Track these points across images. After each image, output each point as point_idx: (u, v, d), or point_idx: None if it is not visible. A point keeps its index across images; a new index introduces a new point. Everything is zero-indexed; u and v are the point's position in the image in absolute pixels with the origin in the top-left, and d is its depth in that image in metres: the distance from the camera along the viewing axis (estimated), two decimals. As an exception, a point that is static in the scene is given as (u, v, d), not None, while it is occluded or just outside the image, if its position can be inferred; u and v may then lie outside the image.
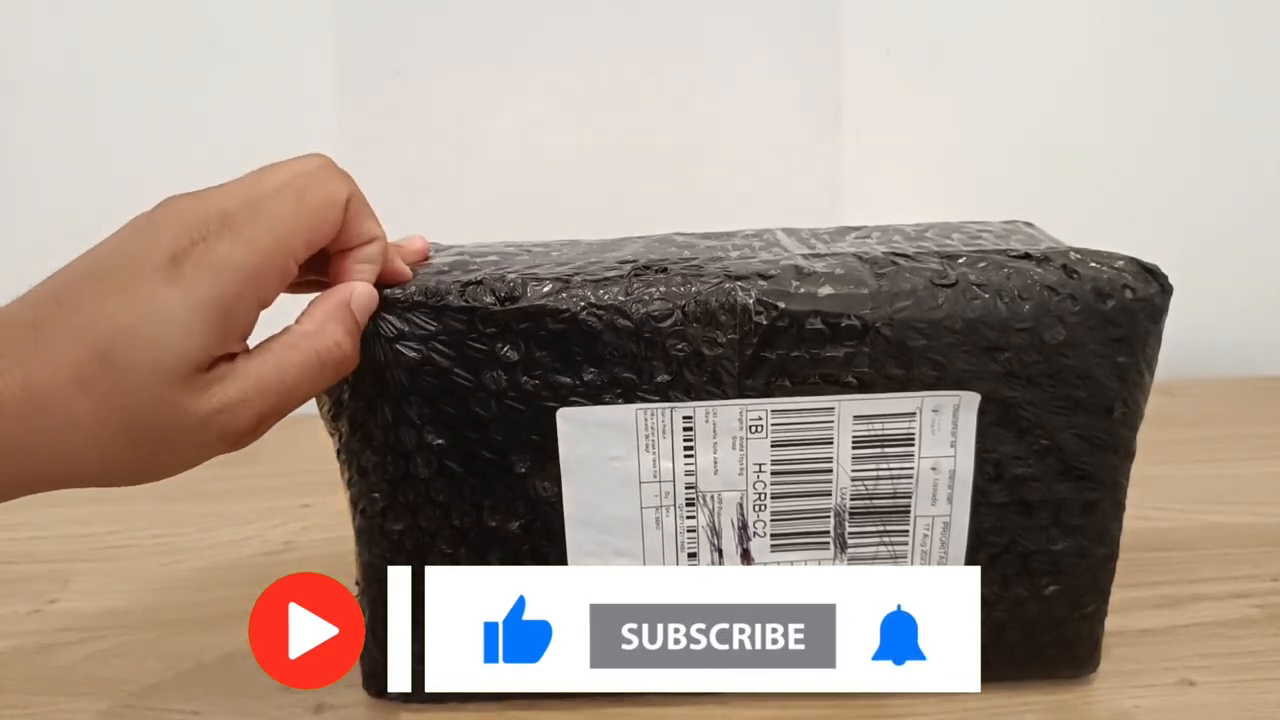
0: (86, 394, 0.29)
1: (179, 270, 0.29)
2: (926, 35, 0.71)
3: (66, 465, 0.30)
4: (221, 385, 0.31)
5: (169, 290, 0.29)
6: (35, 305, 0.30)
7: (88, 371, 0.29)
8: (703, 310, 0.36)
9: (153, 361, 0.29)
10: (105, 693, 0.43)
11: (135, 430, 0.29)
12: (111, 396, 0.29)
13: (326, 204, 0.33)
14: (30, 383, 0.28)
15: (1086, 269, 0.37)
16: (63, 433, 0.29)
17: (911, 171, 0.73)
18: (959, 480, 0.38)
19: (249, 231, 0.31)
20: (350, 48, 0.69)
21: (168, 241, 0.30)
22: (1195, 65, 0.72)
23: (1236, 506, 0.56)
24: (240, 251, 0.30)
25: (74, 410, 0.29)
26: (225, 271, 0.30)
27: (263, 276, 0.31)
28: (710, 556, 0.39)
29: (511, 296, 0.36)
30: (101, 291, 0.29)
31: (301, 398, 0.33)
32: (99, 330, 0.29)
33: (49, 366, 0.28)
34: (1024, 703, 0.41)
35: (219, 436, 0.31)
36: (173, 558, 0.54)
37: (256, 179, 0.33)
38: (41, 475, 0.30)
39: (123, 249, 0.30)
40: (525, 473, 0.38)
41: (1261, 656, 0.44)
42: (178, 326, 0.29)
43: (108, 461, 0.30)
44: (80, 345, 0.29)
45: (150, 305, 0.29)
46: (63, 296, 0.30)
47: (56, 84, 0.69)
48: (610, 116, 0.71)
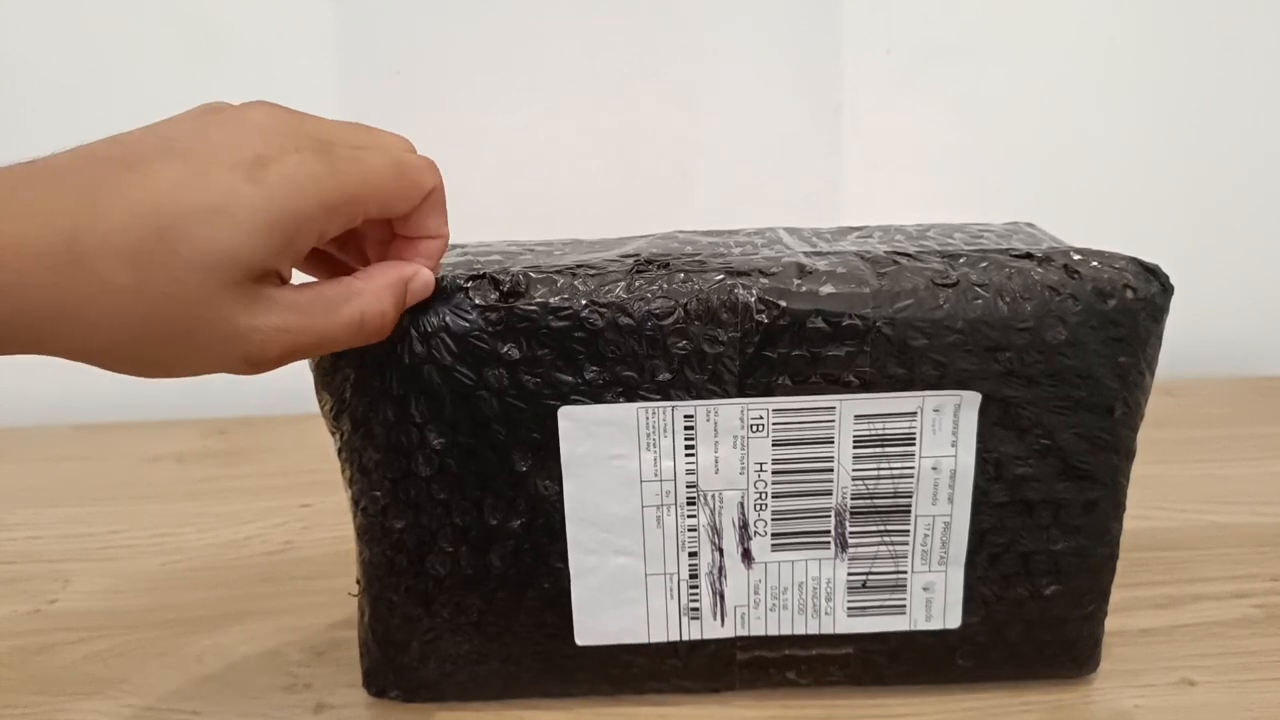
0: (131, 266, 0.28)
1: (263, 173, 0.29)
2: (926, 35, 0.71)
3: (85, 332, 0.29)
4: (265, 305, 0.30)
5: (246, 188, 0.29)
6: (102, 163, 0.29)
7: (139, 245, 0.28)
8: (704, 308, 0.36)
9: (207, 254, 0.28)
10: (105, 693, 0.43)
11: (166, 319, 0.29)
12: (155, 277, 0.28)
13: (414, 183, 0.33)
14: (77, 238, 0.27)
15: (1088, 269, 0.37)
16: (94, 297, 0.28)
17: (911, 171, 0.73)
18: (960, 480, 0.38)
19: (343, 165, 0.31)
20: (350, 48, 0.69)
21: (258, 142, 0.30)
22: (1196, 65, 0.72)
23: (1236, 506, 0.56)
24: (329, 181, 0.30)
25: (113, 279, 0.28)
26: (308, 191, 0.30)
27: (336, 213, 0.31)
28: (711, 556, 0.39)
29: (514, 293, 0.36)
30: (175, 169, 0.29)
31: (330, 348, 0.33)
32: (161, 207, 0.28)
33: (100, 228, 0.28)
34: (1024, 703, 0.41)
35: (244, 356, 0.31)
36: (173, 558, 0.54)
37: (358, 128, 0.33)
38: (59, 334, 0.29)
39: (206, 134, 0.30)
40: (526, 471, 0.38)
41: (1261, 656, 0.44)
42: (243, 228, 0.29)
43: (128, 344, 0.29)
44: (138, 217, 0.28)
45: (223, 197, 0.29)
46: (133, 161, 0.29)
47: (56, 84, 0.69)
48: (611, 116, 0.71)
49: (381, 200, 0.33)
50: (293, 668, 0.45)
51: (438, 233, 0.35)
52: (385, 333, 0.34)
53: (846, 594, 0.40)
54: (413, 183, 0.34)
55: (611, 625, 0.40)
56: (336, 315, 0.32)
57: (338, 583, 0.50)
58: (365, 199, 0.32)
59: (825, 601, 0.40)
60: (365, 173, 0.32)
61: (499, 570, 0.39)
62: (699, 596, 0.40)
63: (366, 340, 0.34)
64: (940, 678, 0.41)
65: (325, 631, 0.47)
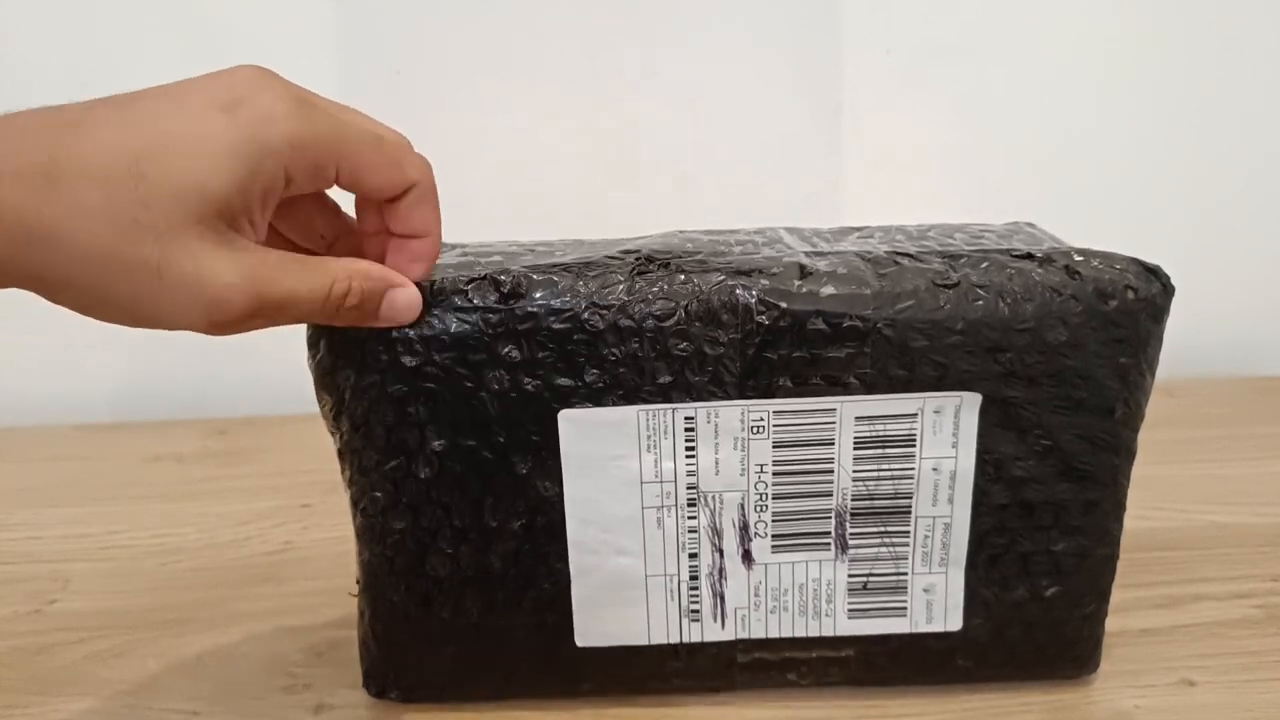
0: (102, 189, 0.28)
1: (236, 108, 0.30)
2: (926, 35, 0.71)
3: (54, 256, 0.29)
4: (233, 252, 0.31)
5: (219, 119, 0.30)
6: (92, 104, 0.30)
7: (111, 170, 0.29)
8: (705, 309, 0.36)
9: (177, 181, 0.29)
10: (105, 693, 0.43)
11: (133, 245, 0.29)
12: (124, 200, 0.29)
13: (393, 161, 0.34)
14: (55, 159, 0.28)
15: (1088, 269, 0.37)
16: (64, 217, 0.28)
17: (911, 171, 0.73)
18: (960, 481, 0.38)
19: (316, 114, 0.31)
20: (350, 48, 0.69)
21: (240, 87, 0.31)
22: (1196, 65, 0.72)
23: (1236, 506, 0.56)
24: (298, 120, 0.31)
25: (84, 199, 0.28)
26: (276, 125, 0.30)
27: (302, 152, 0.31)
28: (711, 557, 0.39)
29: (514, 295, 0.36)
30: (157, 104, 0.30)
31: (295, 315, 0.33)
32: (139, 133, 0.29)
33: (77, 151, 0.29)
34: (1024, 703, 0.41)
35: (207, 306, 0.30)
36: (173, 558, 0.54)
37: (351, 109, 0.34)
38: (30, 258, 0.29)
39: (198, 81, 0.31)
40: (527, 472, 0.38)
41: (1261, 656, 0.44)
42: (210, 155, 0.29)
43: (95, 273, 0.29)
44: (114, 141, 0.29)
45: (195, 126, 0.30)
46: (120, 100, 0.30)
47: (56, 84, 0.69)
48: (611, 116, 0.71)
49: (355, 163, 0.33)
50: (293, 668, 0.45)
51: (426, 230, 0.35)
52: (351, 315, 0.34)
53: (847, 596, 0.40)
54: (391, 160, 0.34)
55: (611, 626, 0.40)
56: (305, 278, 0.32)
57: (338, 583, 0.50)
58: (335, 150, 0.32)
59: (826, 603, 0.40)
60: (339, 126, 0.32)
61: (499, 571, 0.39)
62: (699, 598, 0.40)
63: (334, 317, 0.34)
64: (941, 679, 0.41)
65: (325, 631, 0.47)
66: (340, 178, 0.33)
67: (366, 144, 0.33)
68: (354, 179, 0.33)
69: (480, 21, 0.69)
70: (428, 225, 0.35)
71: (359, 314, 0.34)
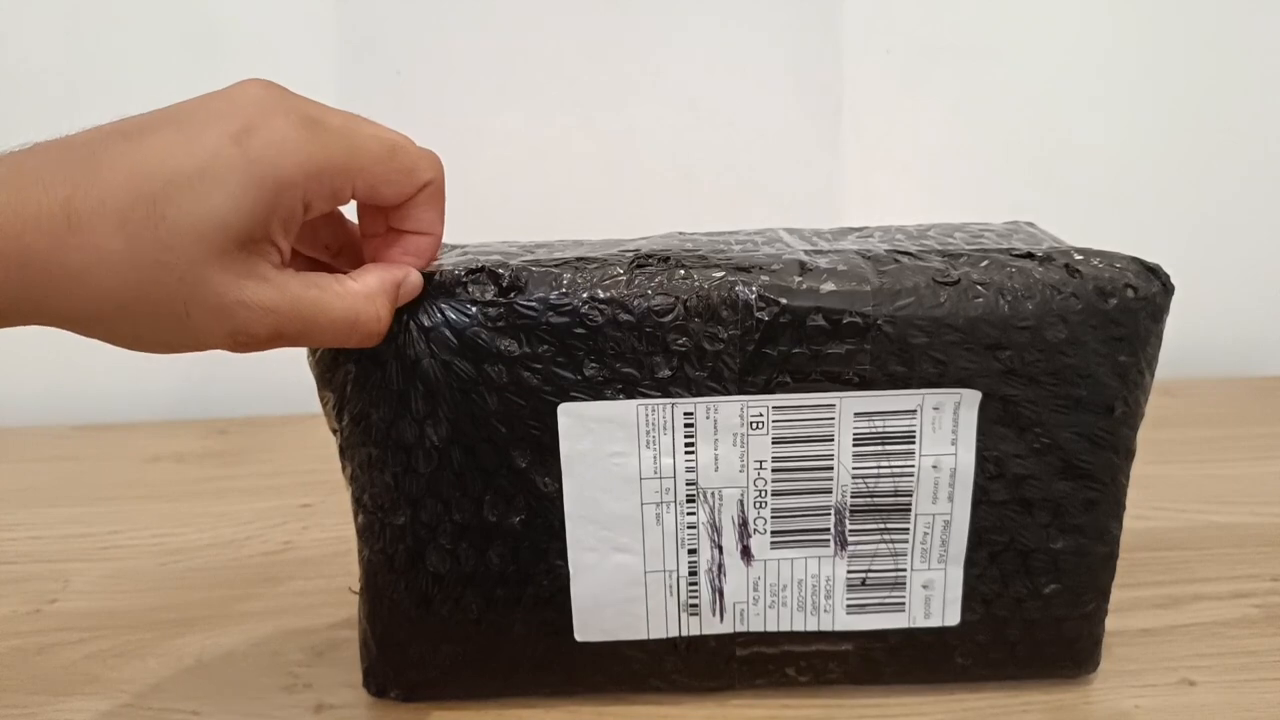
0: (123, 232, 0.28)
1: (249, 138, 0.30)
2: (926, 35, 0.71)
3: (81, 300, 0.29)
4: (257, 282, 0.31)
5: (231, 151, 0.29)
6: (101, 136, 0.30)
7: (132, 213, 0.28)
8: (704, 305, 0.36)
9: (194, 219, 0.29)
10: (105, 693, 0.43)
11: (159, 287, 0.29)
12: (146, 244, 0.29)
13: (407, 169, 0.33)
14: (72, 203, 0.28)
15: (1089, 268, 0.37)
16: (89, 264, 0.28)
17: (911, 171, 0.73)
18: (959, 478, 0.38)
19: (329, 136, 0.31)
20: (350, 48, 0.69)
21: (248, 112, 0.30)
22: (1196, 65, 0.72)
23: (1236, 506, 0.56)
24: (312, 146, 0.31)
25: (106, 245, 0.28)
26: (291, 155, 0.30)
27: (319, 179, 0.31)
28: (710, 553, 0.39)
29: (513, 288, 0.36)
30: (167, 136, 0.29)
31: (317, 342, 0.33)
32: (151, 172, 0.29)
33: (94, 193, 0.28)
34: (1024, 703, 0.41)
35: (231, 331, 0.31)
36: (173, 558, 0.54)
37: (358, 118, 0.33)
38: (56, 302, 0.29)
39: (200, 105, 0.31)
40: (526, 468, 0.38)
41: (1261, 656, 0.44)
42: (226, 190, 0.29)
43: (121, 313, 0.30)
44: (129, 182, 0.29)
45: (208, 161, 0.29)
46: (131, 131, 0.30)
47: (56, 83, 0.69)
48: (611, 116, 0.71)
49: (370, 179, 0.33)
50: (293, 668, 0.45)
51: (430, 229, 0.35)
52: (377, 338, 0.34)
53: (846, 591, 0.40)
54: (405, 168, 0.33)
55: (611, 622, 0.40)
56: (329, 312, 0.32)
57: (338, 583, 0.50)
58: (351, 171, 0.32)
59: (824, 599, 0.40)
60: (352, 145, 0.32)
61: (498, 567, 0.39)
62: (698, 593, 0.40)
63: (359, 343, 0.34)
64: (939, 676, 0.41)
65: (325, 631, 0.47)
66: (356, 194, 0.33)
67: (380, 158, 0.33)
68: (370, 194, 0.33)
69: (481, 21, 0.69)
70: (433, 224, 0.35)
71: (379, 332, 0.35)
